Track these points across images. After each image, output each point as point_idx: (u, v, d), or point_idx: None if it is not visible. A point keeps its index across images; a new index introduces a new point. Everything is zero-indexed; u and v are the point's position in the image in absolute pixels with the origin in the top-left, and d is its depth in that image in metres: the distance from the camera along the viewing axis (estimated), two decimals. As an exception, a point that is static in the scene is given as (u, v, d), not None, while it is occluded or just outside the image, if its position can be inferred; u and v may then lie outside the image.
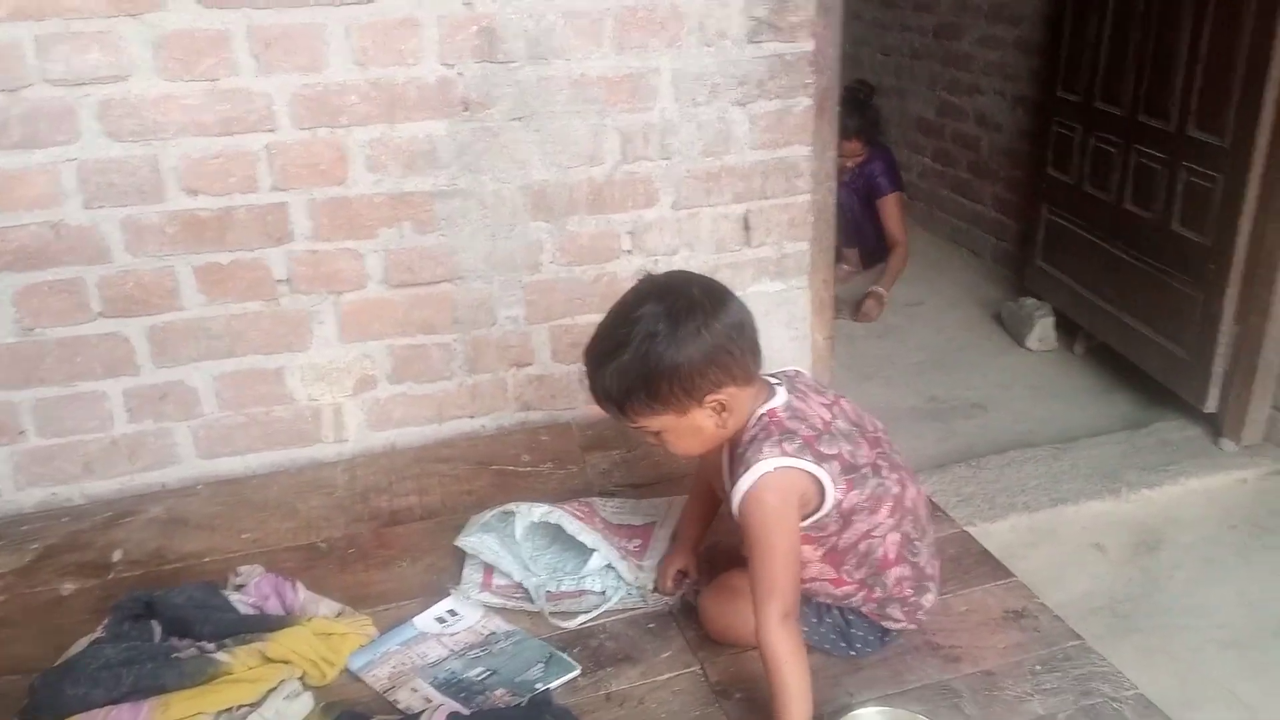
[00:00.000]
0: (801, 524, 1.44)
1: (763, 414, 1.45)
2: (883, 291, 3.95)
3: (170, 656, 1.49)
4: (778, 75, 2.28)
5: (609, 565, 1.74)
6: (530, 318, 2.33)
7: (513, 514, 1.79)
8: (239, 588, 1.70)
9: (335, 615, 1.67)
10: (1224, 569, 2.54)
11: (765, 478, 1.38)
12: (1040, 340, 3.71)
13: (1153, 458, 2.94)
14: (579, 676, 1.56)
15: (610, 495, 2.01)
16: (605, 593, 1.73)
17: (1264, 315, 2.80)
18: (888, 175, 4.02)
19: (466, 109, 2.12)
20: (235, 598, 1.66)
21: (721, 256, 2.39)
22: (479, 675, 1.55)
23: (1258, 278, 2.79)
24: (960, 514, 2.61)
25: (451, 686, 1.53)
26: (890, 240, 4.03)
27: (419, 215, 2.17)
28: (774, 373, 1.53)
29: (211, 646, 1.52)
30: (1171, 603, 2.44)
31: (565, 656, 1.59)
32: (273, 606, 1.66)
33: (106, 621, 1.58)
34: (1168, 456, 2.94)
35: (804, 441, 1.42)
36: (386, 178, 2.13)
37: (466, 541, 1.82)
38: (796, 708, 1.35)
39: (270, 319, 2.17)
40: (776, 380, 1.50)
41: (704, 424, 1.43)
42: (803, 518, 1.44)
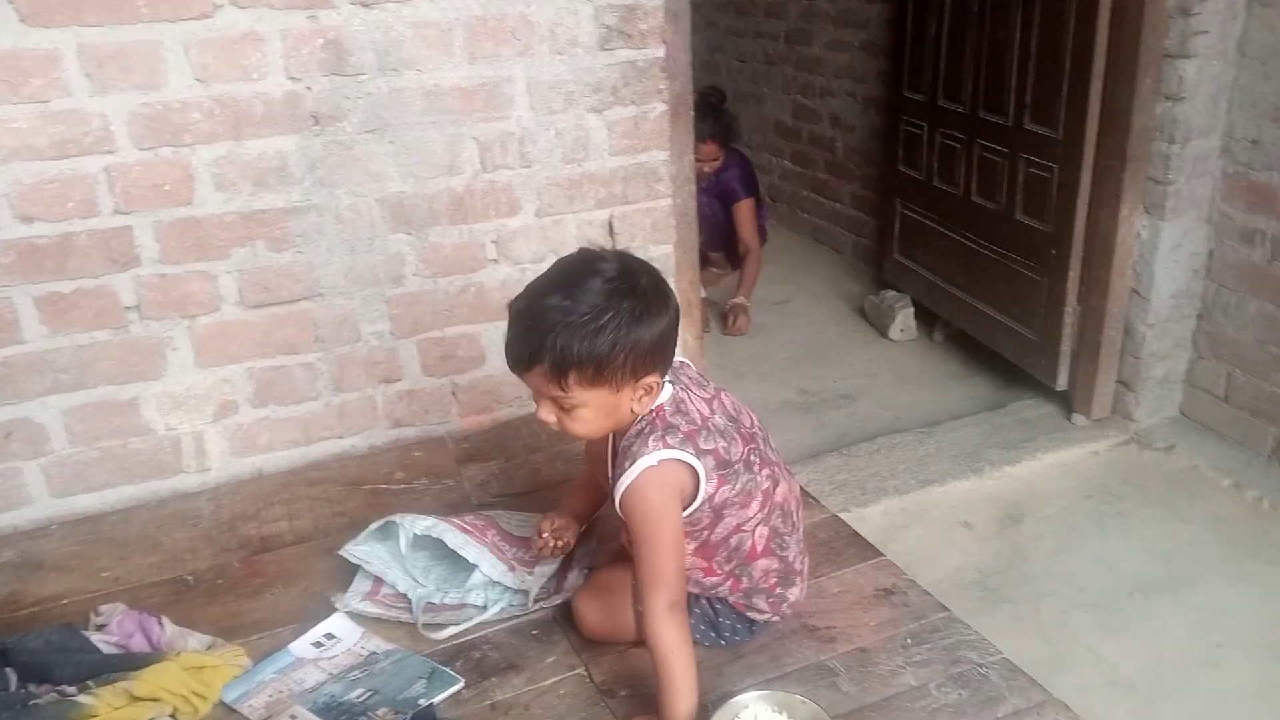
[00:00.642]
0: None
1: (650, 409, 1.46)
2: (744, 302, 4.02)
3: (28, 704, 1.42)
4: (631, 82, 2.31)
5: (492, 581, 1.73)
6: (396, 332, 2.30)
7: (396, 525, 1.77)
8: (100, 627, 1.63)
9: (206, 648, 1.62)
10: (1083, 536, 2.66)
11: (648, 472, 1.40)
12: (902, 331, 3.84)
13: (1012, 436, 3.07)
14: (463, 689, 1.54)
15: (513, 510, 1.99)
16: (486, 606, 1.72)
17: (1104, 296, 2.95)
18: (741, 181, 4.10)
19: (317, 123, 2.08)
20: (97, 638, 1.59)
21: (587, 262, 2.40)
22: (360, 697, 1.52)
23: (1095, 261, 2.95)
24: (834, 501, 2.68)
25: (331, 710, 1.50)
26: (743, 246, 4.10)
27: (272, 233, 2.12)
28: None
29: (73, 690, 1.46)
30: (1037, 571, 2.54)
31: (448, 670, 1.57)
32: (138, 644, 1.60)
33: (-46, 673, 1.49)
34: (1025, 434, 3.08)
35: (685, 435, 1.44)
36: (236, 196, 2.07)
37: (354, 550, 1.79)
38: (682, 697, 1.38)
39: (120, 348, 2.08)
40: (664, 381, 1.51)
41: (624, 406, 1.42)
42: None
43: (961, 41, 3.39)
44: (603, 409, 1.42)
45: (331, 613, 1.71)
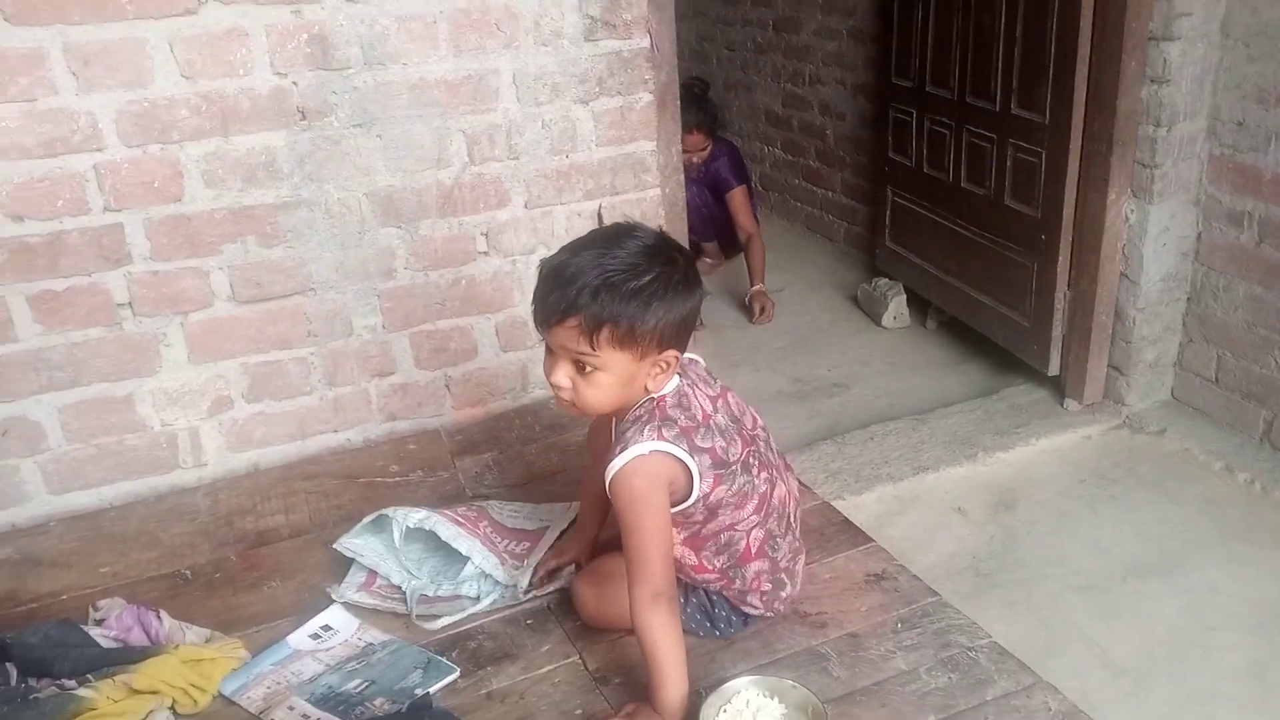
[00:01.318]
0: None
1: (651, 398, 1.47)
2: (763, 288, 4.04)
3: (28, 697, 1.43)
4: (617, 72, 2.31)
5: (484, 572, 1.74)
6: (389, 325, 2.30)
7: (389, 519, 1.78)
8: (99, 622, 1.65)
9: (204, 641, 1.63)
10: (1076, 520, 2.67)
11: (637, 460, 1.40)
12: (895, 318, 3.85)
13: (1005, 422, 3.08)
14: (458, 678, 1.56)
15: (508, 500, 2.01)
16: (479, 597, 1.73)
17: (1094, 280, 2.96)
18: (732, 170, 4.11)
19: (304, 118, 2.08)
20: (96, 633, 1.60)
21: (578, 253, 2.41)
22: (357, 687, 1.54)
23: (1084, 245, 2.96)
24: (828, 489, 2.70)
25: (329, 701, 1.51)
26: (743, 233, 4.11)
27: (263, 229, 2.12)
28: None
29: (72, 683, 1.47)
30: (1030, 556, 2.55)
31: (443, 660, 1.59)
32: (136, 638, 1.61)
33: (-46, 670, 1.50)
34: (1018, 420, 3.09)
35: (681, 431, 1.44)
36: (226, 192, 2.07)
37: (348, 544, 1.80)
38: (672, 684, 1.39)
39: (114, 345, 2.09)
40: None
41: (640, 379, 1.43)
42: (671, 505, 1.46)
43: (948, 27, 3.39)
44: (621, 377, 1.41)
45: (328, 605, 1.72)
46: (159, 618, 1.65)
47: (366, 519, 1.83)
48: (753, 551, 1.55)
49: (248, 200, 2.09)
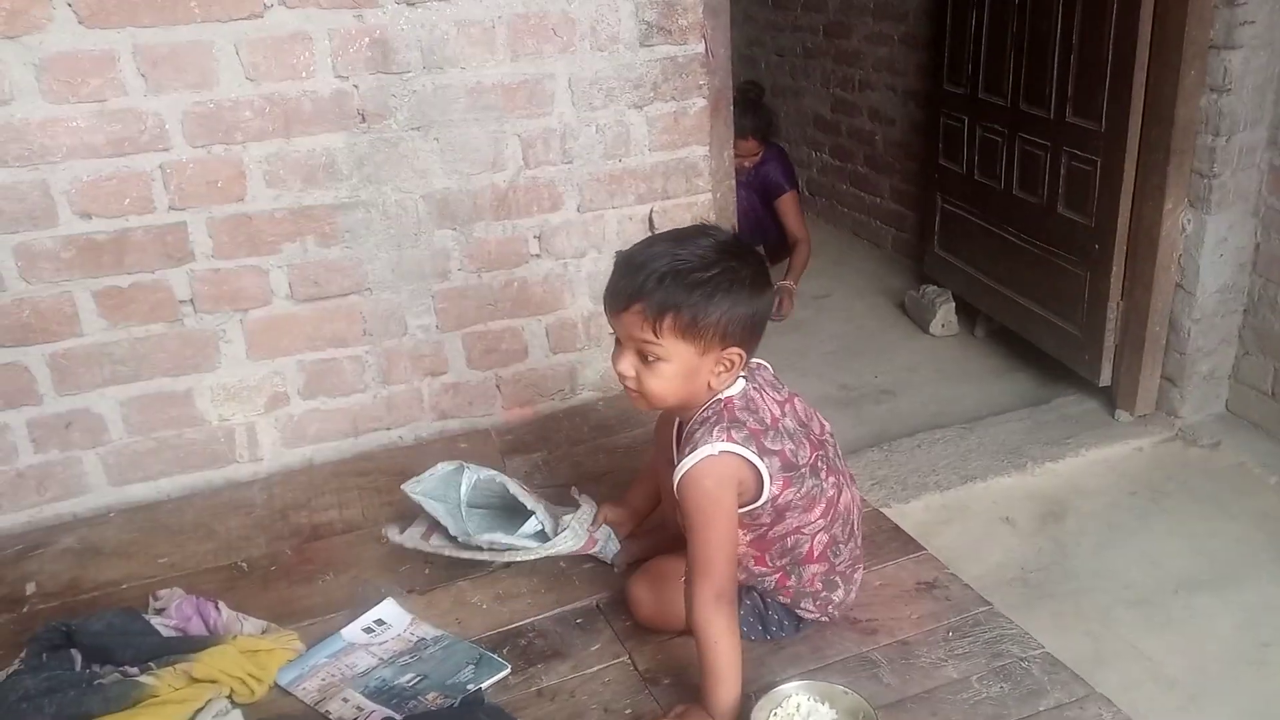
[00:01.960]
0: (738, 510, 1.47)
1: (719, 399, 1.48)
2: (792, 286, 4.03)
3: (93, 683, 1.47)
4: (671, 77, 2.32)
5: (541, 529, 1.77)
6: (442, 326, 2.33)
7: (459, 474, 1.83)
8: (159, 611, 1.68)
9: (261, 632, 1.67)
10: (1126, 533, 2.64)
11: (707, 460, 1.41)
12: (943, 325, 3.82)
13: (1054, 432, 3.05)
14: (509, 675, 1.58)
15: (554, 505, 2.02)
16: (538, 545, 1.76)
17: (1148, 290, 2.92)
18: (783, 174, 4.10)
19: (364, 120, 2.11)
20: (157, 621, 1.64)
21: (629, 257, 2.42)
22: (410, 681, 1.56)
23: (1139, 255, 2.92)
24: (875, 496, 2.69)
25: (383, 694, 1.53)
26: (791, 237, 4.11)
27: (322, 229, 2.16)
28: None
29: (135, 670, 1.51)
30: (1080, 568, 2.53)
31: (495, 657, 1.61)
32: (195, 628, 1.65)
33: (24, 654, 1.55)
34: (1068, 430, 3.06)
35: (750, 433, 1.45)
36: (286, 192, 2.11)
37: (414, 490, 1.83)
38: (725, 686, 1.40)
39: (175, 340, 2.13)
40: (741, 371, 1.53)
41: (703, 374, 1.44)
42: (739, 506, 1.47)
43: (1002, 33, 3.36)
44: (683, 369, 1.43)
45: (382, 600, 1.75)
46: (217, 608, 1.69)
47: (441, 466, 1.86)
48: (815, 555, 1.56)
49: (307, 200, 2.13)
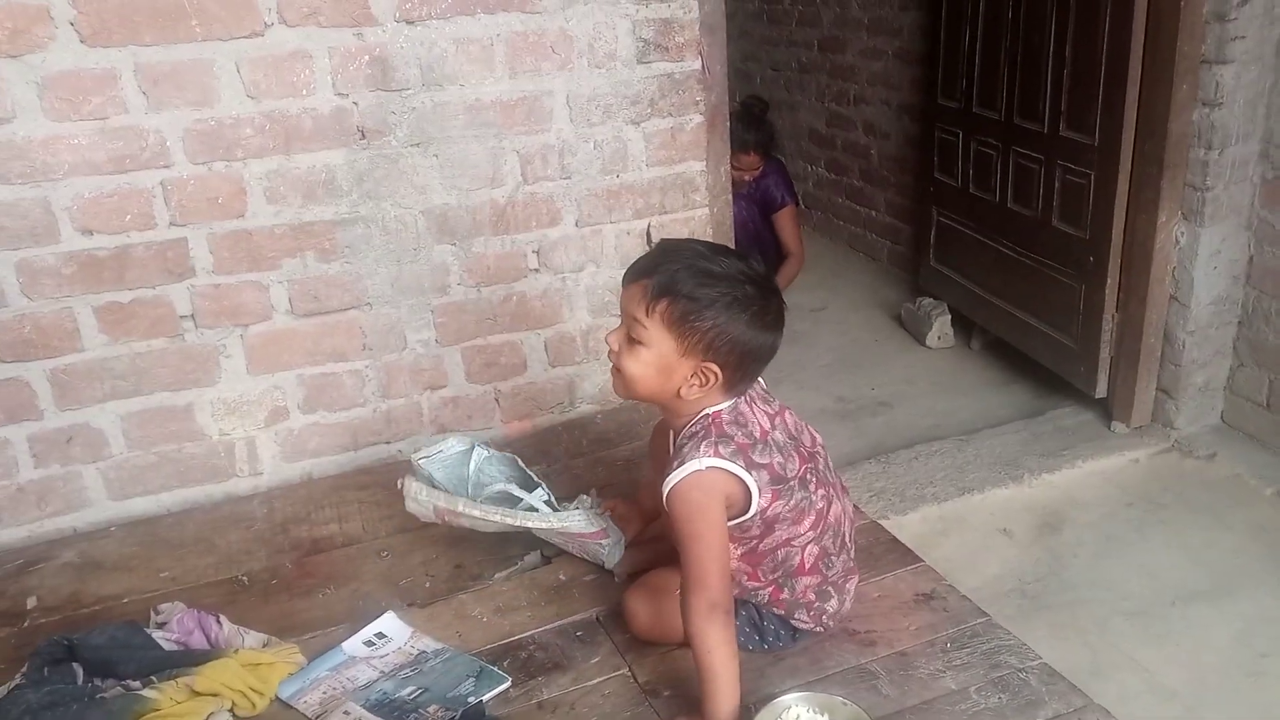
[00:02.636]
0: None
1: (707, 414, 1.49)
2: None
3: (95, 697, 1.47)
4: (668, 94, 2.34)
5: (549, 500, 1.80)
6: (442, 340, 2.34)
7: (472, 450, 1.88)
8: (161, 625, 1.68)
9: (262, 646, 1.67)
10: (1123, 544, 2.65)
11: (694, 475, 1.43)
12: (939, 338, 3.84)
13: (1051, 444, 3.06)
14: (510, 688, 1.58)
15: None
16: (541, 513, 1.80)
17: (1142, 303, 2.94)
18: (782, 188, 4.12)
19: (363, 137, 2.13)
20: (158, 635, 1.64)
21: (627, 271, 2.43)
22: (410, 694, 1.56)
23: (1133, 267, 2.94)
24: (873, 508, 2.70)
25: (384, 707, 1.54)
26: (786, 251, 4.12)
27: (321, 244, 2.17)
28: None
29: (137, 684, 1.51)
30: (1077, 579, 2.53)
31: (495, 669, 1.61)
32: (197, 641, 1.65)
33: (25, 668, 1.55)
34: (1064, 442, 3.07)
35: (738, 447, 1.46)
36: (286, 208, 2.12)
37: (424, 461, 1.87)
38: (723, 697, 1.40)
39: (176, 355, 2.14)
40: (721, 394, 1.52)
41: (676, 378, 1.46)
42: (728, 519, 1.48)
43: (995, 48, 3.39)
44: (658, 361, 1.45)
45: (382, 613, 1.76)
46: (219, 622, 1.69)
47: (452, 443, 1.90)
48: (806, 566, 1.57)
49: (307, 216, 2.15)
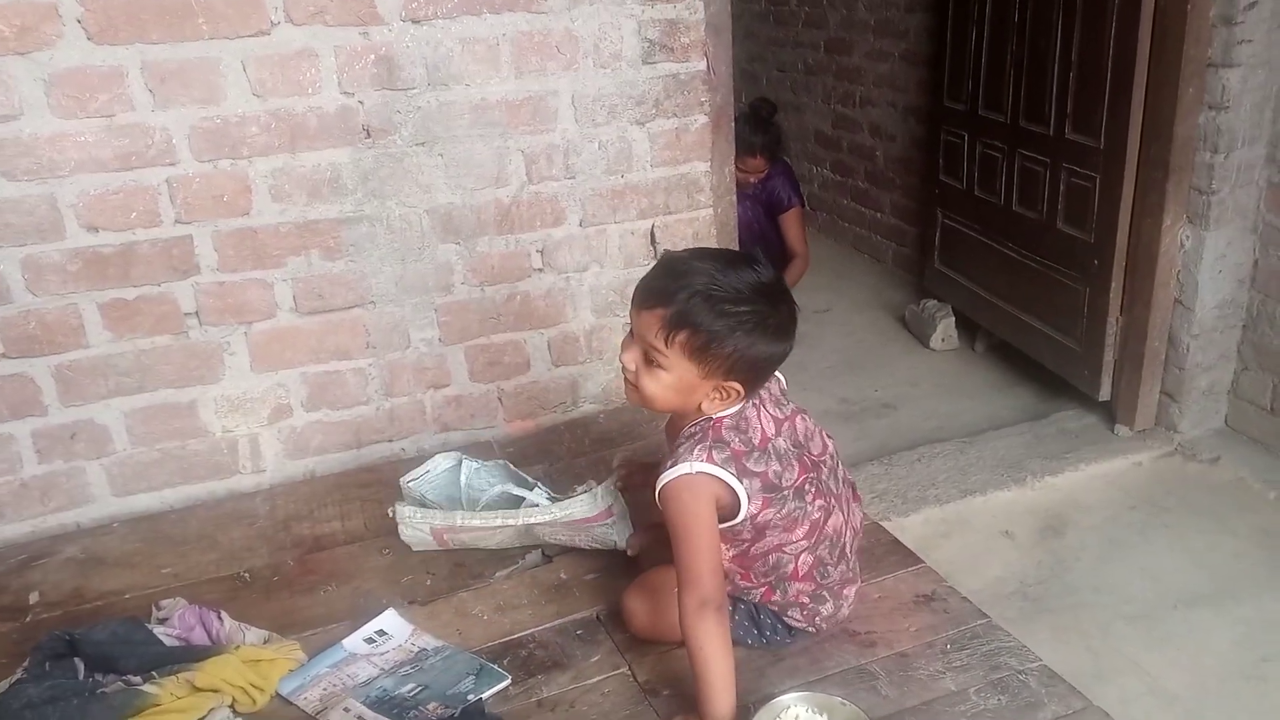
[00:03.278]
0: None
1: (710, 417, 1.50)
2: None
3: (96, 692, 1.47)
4: (673, 94, 2.34)
5: (550, 497, 1.82)
6: (445, 339, 2.35)
7: (460, 464, 1.90)
8: (162, 621, 1.69)
9: (263, 642, 1.67)
10: (1126, 547, 2.65)
11: (684, 478, 1.44)
12: (943, 340, 3.84)
13: (1054, 446, 3.06)
14: (510, 686, 1.58)
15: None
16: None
17: (1147, 306, 2.94)
18: (788, 190, 4.11)
19: (369, 136, 2.14)
20: (160, 631, 1.64)
21: (630, 271, 2.44)
22: (410, 691, 1.57)
23: (1138, 270, 2.94)
24: (875, 510, 2.70)
25: (384, 704, 1.54)
26: (791, 252, 4.12)
27: (326, 242, 2.18)
28: None
29: (138, 679, 1.51)
30: (1079, 582, 2.53)
31: (495, 667, 1.61)
32: (198, 637, 1.66)
33: (27, 663, 1.55)
34: (1068, 445, 3.07)
35: (732, 454, 1.46)
36: (291, 207, 2.13)
37: (411, 483, 1.92)
38: (719, 694, 1.40)
39: (180, 352, 2.15)
40: (736, 404, 1.52)
41: (697, 395, 1.46)
42: (719, 521, 1.48)
43: (1002, 51, 3.39)
44: (680, 384, 1.45)
45: (383, 610, 1.76)
46: (220, 618, 1.70)
47: (438, 460, 1.95)
48: (800, 573, 1.57)
49: (312, 215, 2.15)
